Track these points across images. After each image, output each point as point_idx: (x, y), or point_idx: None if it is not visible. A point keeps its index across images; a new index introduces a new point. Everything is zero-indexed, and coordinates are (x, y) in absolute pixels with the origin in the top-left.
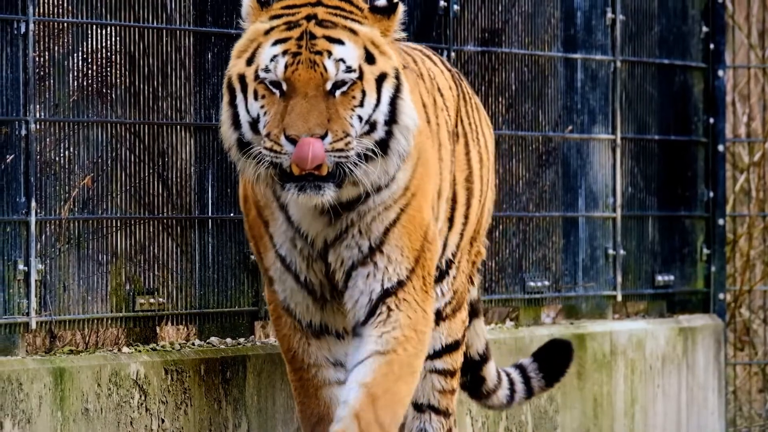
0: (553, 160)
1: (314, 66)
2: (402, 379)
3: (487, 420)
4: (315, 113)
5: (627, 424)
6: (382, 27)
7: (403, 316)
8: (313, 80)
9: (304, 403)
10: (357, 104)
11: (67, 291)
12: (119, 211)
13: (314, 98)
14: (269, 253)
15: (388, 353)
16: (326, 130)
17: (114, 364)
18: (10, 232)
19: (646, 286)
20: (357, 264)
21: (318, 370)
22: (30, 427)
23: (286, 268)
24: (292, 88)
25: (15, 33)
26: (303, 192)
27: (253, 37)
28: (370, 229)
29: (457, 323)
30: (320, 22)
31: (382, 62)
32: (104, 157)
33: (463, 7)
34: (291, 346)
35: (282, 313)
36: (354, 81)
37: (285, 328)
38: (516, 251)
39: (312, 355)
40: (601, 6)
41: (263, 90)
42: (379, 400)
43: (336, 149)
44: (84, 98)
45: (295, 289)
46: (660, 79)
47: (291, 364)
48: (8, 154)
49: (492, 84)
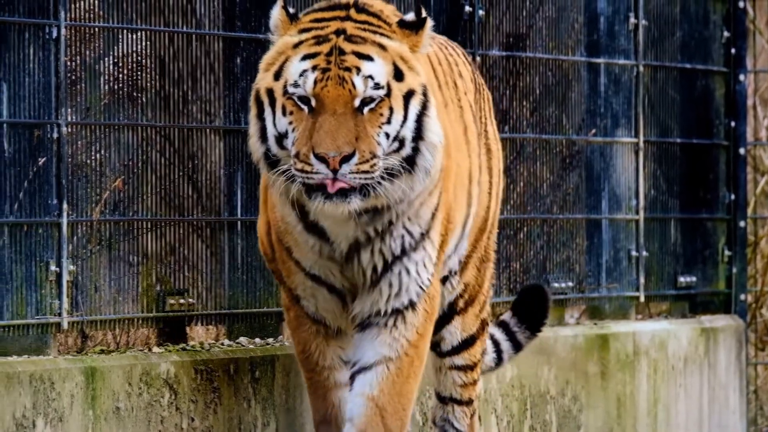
0: (577, 163)
1: (343, 83)
2: (408, 380)
3: (512, 419)
4: (343, 131)
5: (650, 424)
6: (410, 42)
7: (420, 316)
8: (342, 97)
9: (315, 402)
10: (384, 121)
11: (99, 292)
12: (150, 213)
13: (343, 116)
14: (296, 277)
15: (397, 359)
16: (354, 149)
17: (144, 364)
18: (43, 234)
19: (668, 287)
20: (408, 250)
21: (330, 372)
22: (62, 425)
23: (320, 284)
24: (320, 105)
25: (47, 38)
26: (330, 200)
27: (281, 50)
28: (419, 215)
29: (470, 317)
30: (349, 38)
31: (411, 78)
32: (135, 160)
33: (488, 13)
34: (308, 348)
35: (306, 321)
36: (382, 98)
37: (305, 333)
38: (540, 253)
39: (327, 357)
40: (624, 11)
41: (291, 106)
42: (387, 410)
43: (361, 171)
44: (115, 102)
45: (327, 299)
46: (682, 83)
47: (304, 366)
48: (40, 157)
49: (516, 88)
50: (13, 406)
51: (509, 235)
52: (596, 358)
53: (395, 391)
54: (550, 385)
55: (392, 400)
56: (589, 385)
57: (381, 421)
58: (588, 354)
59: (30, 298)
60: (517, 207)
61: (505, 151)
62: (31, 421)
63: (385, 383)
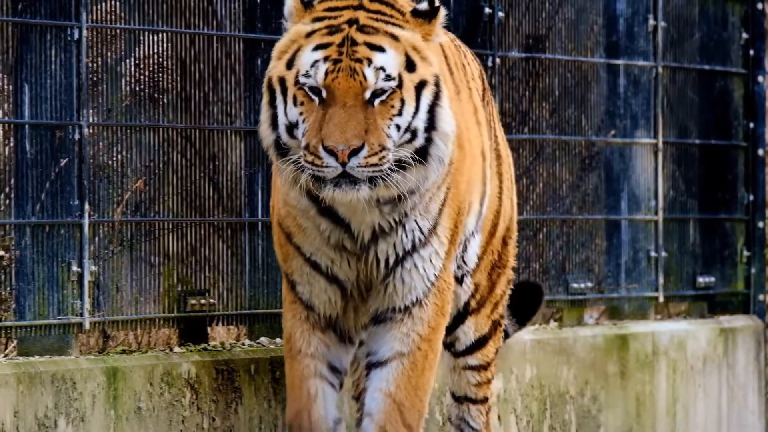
0: (596, 164)
1: (354, 74)
2: (424, 373)
3: (531, 419)
4: (353, 124)
5: (669, 423)
6: (423, 31)
7: (431, 310)
8: (353, 89)
9: (289, 395)
10: (395, 113)
11: (120, 292)
12: (171, 213)
13: (353, 108)
14: (293, 261)
15: (411, 354)
16: (363, 141)
17: (166, 364)
18: (64, 235)
19: (687, 287)
20: (418, 246)
21: (312, 361)
22: (84, 425)
23: (318, 272)
24: (331, 96)
25: (68, 39)
26: (339, 188)
27: (294, 38)
28: (428, 209)
29: (482, 318)
30: (362, 28)
31: (423, 69)
32: (156, 161)
33: (507, 14)
34: (294, 334)
35: (298, 307)
36: (393, 89)
37: (295, 319)
38: (560, 253)
39: (311, 345)
40: (643, 13)
41: (302, 96)
42: (404, 405)
43: (370, 164)
44: (136, 103)
45: (324, 287)
46: (701, 84)
47: (288, 353)
48: (62, 158)
49: (536, 89)
50: (35, 405)
51: (529, 235)
52: (615, 358)
53: (411, 385)
54: (569, 385)
55: (409, 395)
56: (608, 385)
57: (399, 416)
58: (607, 354)
59: (52, 299)
60: (537, 208)
61: (524, 151)
62: (53, 420)
63: (401, 378)
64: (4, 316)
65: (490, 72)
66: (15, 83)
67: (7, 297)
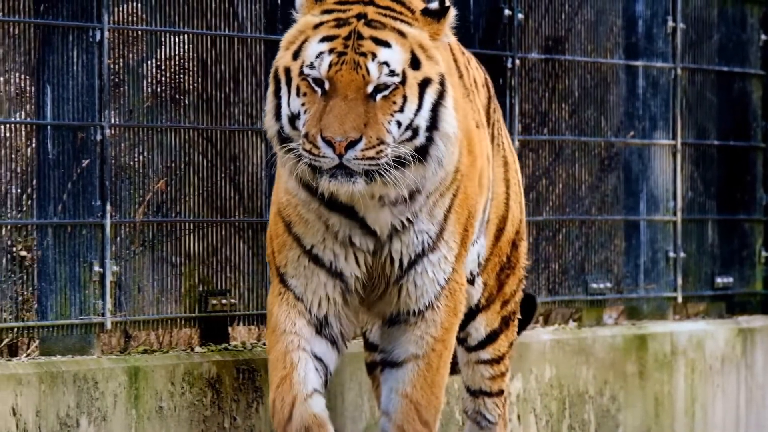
0: (615, 165)
1: (357, 68)
2: (439, 371)
3: (550, 418)
4: (352, 116)
5: (687, 423)
6: (431, 30)
7: (443, 312)
8: (355, 82)
9: (271, 375)
10: (397, 109)
11: (142, 292)
12: (192, 214)
13: (354, 101)
14: (290, 252)
15: (425, 355)
16: (361, 134)
17: (187, 364)
18: (86, 235)
19: (705, 287)
20: (427, 251)
21: (296, 338)
22: (105, 424)
23: (319, 265)
24: (333, 88)
25: (90, 41)
26: (335, 179)
27: (302, 29)
28: (433, 213)
29: (492, 314)
30: (369, 22)
31: (428, 67)
32: (177, 162)
33: (527, 16)
34: (280, 319)
35: (287, 296)
36: (396, 85)
37: (283, 308)
38: (579, 254)
39: (297, 325)
40: (662, 15)
41: (305, 87)
42: (421, 404)
43: (366, 157)
44: (158, 104)
45: (324, 282)
46: (719, 85)
47: (271, 337)
48: (84, 159)
49: (555, 90)
50: (57, 405)
51: (548, 236)
52: (634, 358)
53: (427, 384)
54: (588, 385)
55: (425, 394)
56: (627, 385)
57: (416, 415)
58: (626, 354)
59: (74, 299)
60: (556, 208)
61: (544, 152)
62: (75, 420)
63: (417, 379)
64: (27, 316)
65: (509, 73)
66: (37, 84)
67: (30, 297)
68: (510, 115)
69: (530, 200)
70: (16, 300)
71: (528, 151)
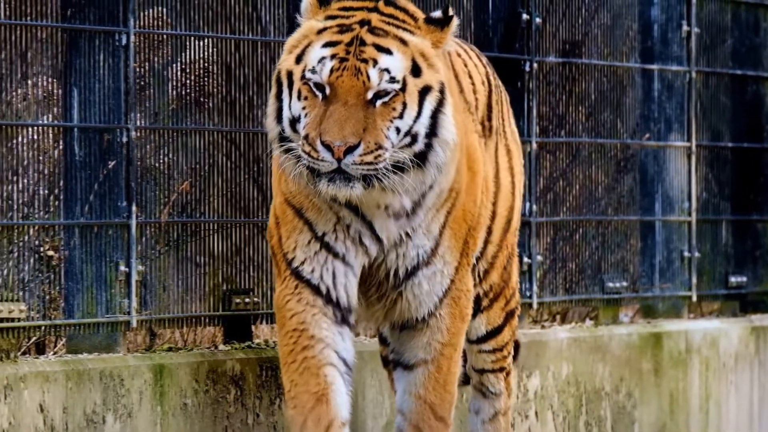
0: (631, 167)
1: (358, 74)
2: (450, 371)
3: (567, 415)
4: (352, 122)
5: (701, 419)
6: (434, 39)
7: (448, 319)
8: (355, 88)
9: (300, 391)
10: (396, 116)
11: (167, 291)
12: (216, 214)
13: (354, 106)
14: (300, 237)
15: (434, 360)
16: (360, 139)
17: (211, 361)
18: (112, 235)
19: (719, 287)
20: (422, 264)
21: (326, 347)
22: (131, 421)
23: (331, 253)
24: (334, 94)
25: (116, 44)
26: (333, 183)
27: (306, 33)
28: (430, 229)
29: (495, 311)
30: (372, 29)
31: (428, 75)
32: (202, 163)
33: (544, 20)
34: (304, 320)
35: (302, 290)
36: (396, 92)
37: (300, 305)
38: (595, 253)
39: (324, 330)
40: (676, 19)
41: (307, 91)
42: (435, 404)
43: (365, 162)
44: (182, 107)
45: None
46: (733, 88)
47: (296, 343)
48: (110, 161)
49: (572, 94)
50: (84, 402)
51: (565, 236)
52: (650, 356)
53: (439, 385)
54: (604, 382)
55: (438, 393)
56: (642, 382)
57: (431, 413)
58: (642, 352)
59: (100, 298)
60: (573, 209)
61: (561, 154)
62: (101, 416)
63: (429, 382)
64: (54, 314)
65: (527, 77)
66: (64, 88)
67: (57, 296)
68: (528, 118)
69: (548, 201)
70: (43, 299)
71: (545, 153)
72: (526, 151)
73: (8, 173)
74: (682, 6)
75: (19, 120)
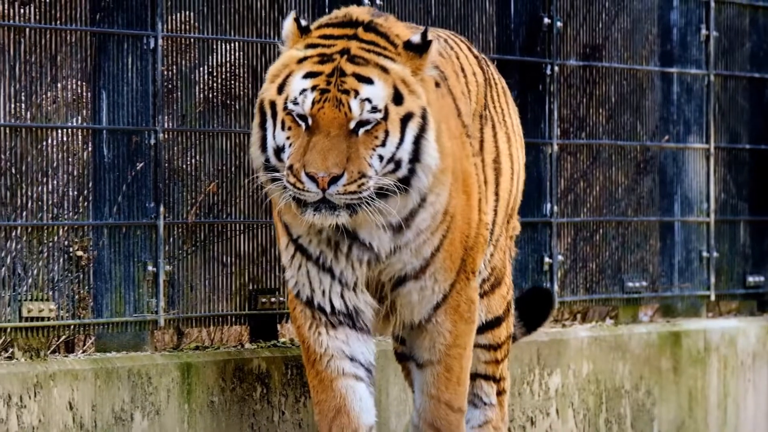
0: (651, 168)
1: (340, 105)
2: (462, 371)
3: (588, 412)
4: (335, 153)
5: (720, 416)
6: (413, 65)
7: (449, 324)
8: (337, 120)
9: (321, 400)
10: (379, 144)
11: (194, 291)
12: (242, 215)
13: (336, 138)
14: (282, 239)
15: (441, 361)
16: (343, 170)
17: (237, 360)
18: (140, 235)
19: (737, 286)
20: (410, 277)
21: (330, 360)
22: (159, 418)
23: (307, 257)
24: (316, 125)
25: (145, 48)
26: (318, 212)
27: (287, 62)
28: (420, 251)
29: (496, 299)
30: (352, 58)
31: (410, 102)
32: (228, 165)
33: (566, 24)
34: (304, 336)
35: (296, 304)
36: (378, 121)
37: (299, 319)
38: (615, 253)
39: (323, 344)
40: (695, 23)
41: (290, 122)
42: (450, 401)
43: (348, 192)
44: (209, 109)
45: (317, 277)
46: (751, 91)
47: (306, 358)
48: (138, 162)
49: (593, 96)
50: (113, 400)
51: (586, 236)
52: (669, 354)
53: (452, 384)
54: (624, 380)
55: (452, 391)
56: (662, 380)
57: (447, 409)
58: (661, 350)
59: (128, 297)
60: (594, 210)
61: (582, 156)
62: (129, 414)
63: (440, 382)
64: (83, 313)
65: (548, 80)
66: (93, 90)
67: (86, 295)
68: (549, 120)
69: (569, 202)
70: (72, 298)
71: (566, 155)
72: (548, 152)
73: (38, 175)
74: (701, 10)
75: (49, 122)
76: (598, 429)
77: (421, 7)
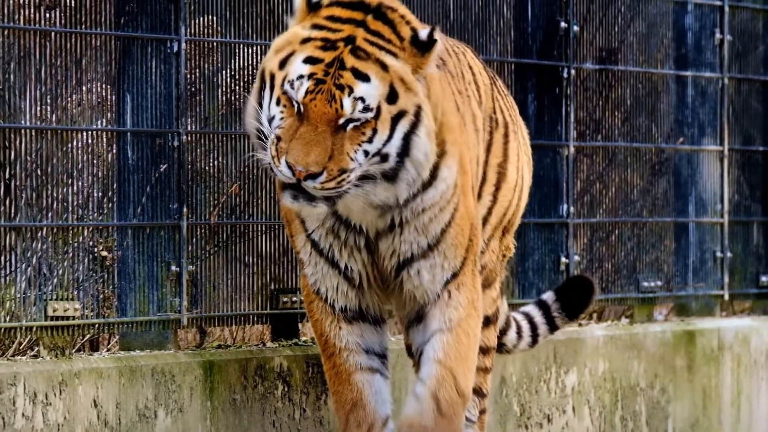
0: (666, 170)
1: (332, 101)
2: (470, 347)
3: (603, 410)
4: (317, 150)
5: (733, 414)
6: (415, 63)
7: (462, 297)
8: (327, 115)
9: (338, 391)
10: (365, 140)
11: (216, 290)
12: (264, 216)
13: (323, 133)
14: (299, 236)
15: (452, 330)
16: (323, 168)
17: (259, 358)
18: (164, 236)
19: (751, 286)
20: (417, 257)
21: (349, 354)
22: (182, 416)
23: (319, 252)
24: (306, 115)
25: (168, 52)
26: (297, 200)
27: (291, 39)
28: (428, 229)
29: (486, 299)
30: (355, 50)
31: (404, 100)
32: (250, 167)
33: (582, 28)
34: (323, 330)
35: (313, 297)
36: (368, 119)
37: (317, 313)
38: (631, 254)
39: (343, 339)
40: (710, 27)
41: (285, 100)
42: (457, 371)
43: (325, 188)
44: (232, 112)
45: (328, 273)
46: (765, 94)
47: (324, 351)
48: (162, 164)
49: (609, 99)
50: (137, 397)
51: (602, 237)
52: (683, 353)
53: (460, 355)
54: (639, 378)
55: (459, 362)
56: (676, 378)
57: (453, 381)
58: (675, 349)
59: (152, 296)
60: (609, 211)
61: (598, 158)
62: (153, 411)
63: (448, 347)
64: (107, 313)
65: (565, 83)
66: (118, 93)
67: (110, 295)
68: (565, 123)
69: (585, 203)
70: (97, 298)
71: (582, 157)
72: (564, 154)
73: (63, 176)
74: (715, 14)
75: (74, 125)
76: (613, 426)
77: (440, 11)
